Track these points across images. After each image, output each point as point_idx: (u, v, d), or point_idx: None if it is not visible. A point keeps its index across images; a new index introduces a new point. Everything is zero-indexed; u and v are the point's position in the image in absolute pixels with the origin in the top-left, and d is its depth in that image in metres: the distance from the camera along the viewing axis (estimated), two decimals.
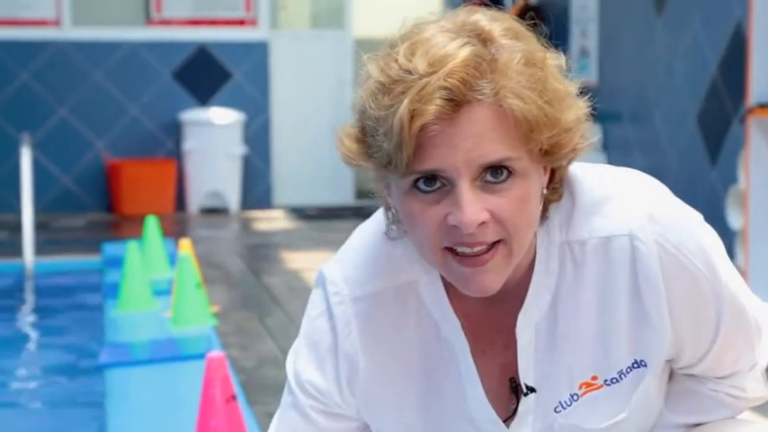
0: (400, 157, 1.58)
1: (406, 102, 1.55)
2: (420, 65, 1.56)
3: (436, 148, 1.58)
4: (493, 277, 1.65)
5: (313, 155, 11.19)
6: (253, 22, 11.03)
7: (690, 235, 1.76)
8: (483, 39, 1.61)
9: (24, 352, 6.15)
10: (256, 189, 11.01)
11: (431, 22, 1.66)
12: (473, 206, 1.58)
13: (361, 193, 11.08)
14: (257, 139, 11.03)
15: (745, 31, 5.57)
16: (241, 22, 11.03)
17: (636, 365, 1.80)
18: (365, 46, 1.75)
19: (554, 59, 1.67)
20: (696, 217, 1.79)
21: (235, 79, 10.99)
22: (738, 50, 5.84)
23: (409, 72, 1.57)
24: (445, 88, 1.54)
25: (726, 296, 1.78)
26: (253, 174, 10.96)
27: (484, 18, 1.65)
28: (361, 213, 1.94)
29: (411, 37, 1.63)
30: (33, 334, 6.56)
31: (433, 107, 1.54)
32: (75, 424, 4.70)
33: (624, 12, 7.43)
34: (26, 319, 6.88)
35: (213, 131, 10.65)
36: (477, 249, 1.62)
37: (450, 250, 1.64)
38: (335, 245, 1.93)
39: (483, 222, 1.59)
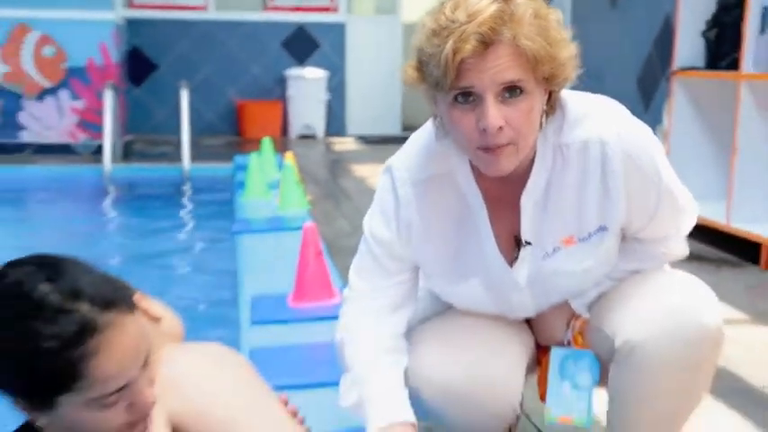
0: (445, 80, 1.59)
1: (450, 42, 1.56)
2: (461, 16, 1.57)
3: (471, 72, 1.58)
4: (506, 163, 1.67)
5: (373, 100, 11.12)
6: (335, 9, 10.92)
7: (644, 147, 1.77)
8: None
9: (181, 226, 6.22)
10: (335, 123, 10.97)
11: None
12: (495, 114, 1.59)
13: (405, 127, 10.97)
14: (336, 89, 10.92)
15: (672, 19, 5.48)
16: (327, 9, 10.90)
17: (601, 229, 1.81)
18: (411, 29, 1.75)
19: (554, 14, 1.66)
20: (648, 132, 1.80)
21: (322, 48, 10.88)
22: (667, 33, 5.76)
23: (453, 21, 1.58)
24: (478, 33, 1.55)
25: (663, 188, 1.79)
26: (333, 113, 10.91)
27: None
28: (405, 139, 1.92)
29: None
30: (189, 214, 6.62)
31: (469, 46, 1.56)
32: (217, 272, 4.74)
33: (589, 6, 7.30)
34: (184, 203, 6.95)
35: (307, 83, 10.57)
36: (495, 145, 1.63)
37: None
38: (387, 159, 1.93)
39: (501, 127, 1.60)
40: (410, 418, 1.84)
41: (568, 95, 1.78)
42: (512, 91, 1.60)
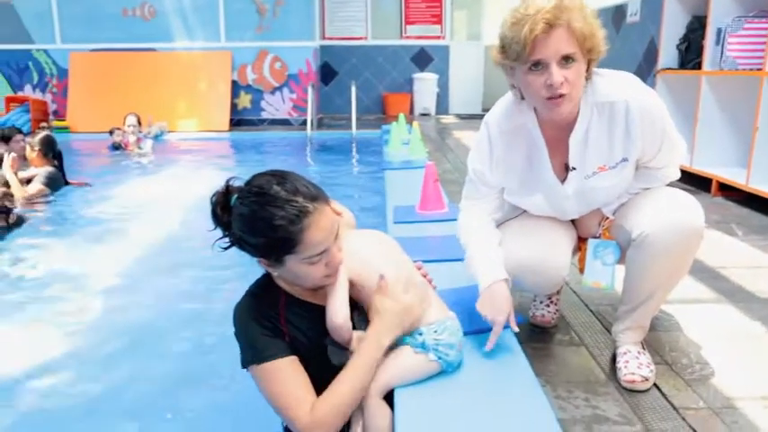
0: (524, 53, 1.44)
1: (527, 26, 1.41)
2: (531, 11, 1.41)
3: (540, 47, 1.43)
4: (564, 108, 1.51)
5: (465, 92, 10.71)
6: (443, 38, 10.46)
7: (653, 105, 1.57)
8: None
9: (351, 165, 6.18)
10: (442, 106, 10.64)
11: None
12: (557, 74, 1.44)
13: (484, 108, 10.61)
14: (443, 86, 10.54)
15: (656, 39, 5.10)
16: (438, 37, 10.47)
17: (623, 161, 1.64)
18: (488, 49, 1.58)
19: (590, 9, 1.48)
20: (656, 95, 1.59)
21: (435, 61, 10.51)
22: (651, 48, 5.35)
23: (527, 14, 1.42)
24: (545, 19, 1.40)
25: (666, 135, 1.61)
26: (441, 100, 10.57)
27: None
28: (484, 116, 1.79)
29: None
30: (356, 158, 6.59)
31: (540, 27, 1.40)
32: (372, 191, 4.65)
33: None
34: (352, 154, 6.89)
35: (425, 82, 10.28)
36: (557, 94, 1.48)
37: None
38: (473, 129, 1.77)
39: (561, 82, 1.45)
40: (504, 276, 1.71)
41: (603, 71, 1.61)
42: (567, 59, 1.45)
